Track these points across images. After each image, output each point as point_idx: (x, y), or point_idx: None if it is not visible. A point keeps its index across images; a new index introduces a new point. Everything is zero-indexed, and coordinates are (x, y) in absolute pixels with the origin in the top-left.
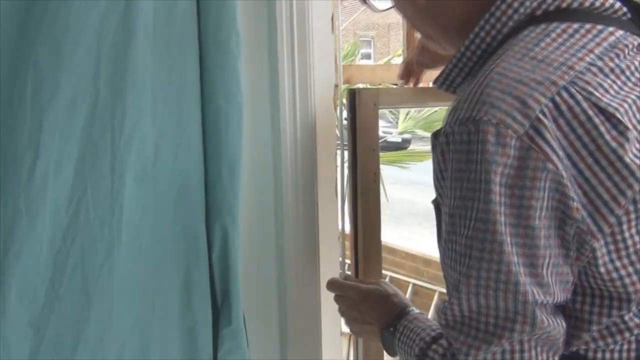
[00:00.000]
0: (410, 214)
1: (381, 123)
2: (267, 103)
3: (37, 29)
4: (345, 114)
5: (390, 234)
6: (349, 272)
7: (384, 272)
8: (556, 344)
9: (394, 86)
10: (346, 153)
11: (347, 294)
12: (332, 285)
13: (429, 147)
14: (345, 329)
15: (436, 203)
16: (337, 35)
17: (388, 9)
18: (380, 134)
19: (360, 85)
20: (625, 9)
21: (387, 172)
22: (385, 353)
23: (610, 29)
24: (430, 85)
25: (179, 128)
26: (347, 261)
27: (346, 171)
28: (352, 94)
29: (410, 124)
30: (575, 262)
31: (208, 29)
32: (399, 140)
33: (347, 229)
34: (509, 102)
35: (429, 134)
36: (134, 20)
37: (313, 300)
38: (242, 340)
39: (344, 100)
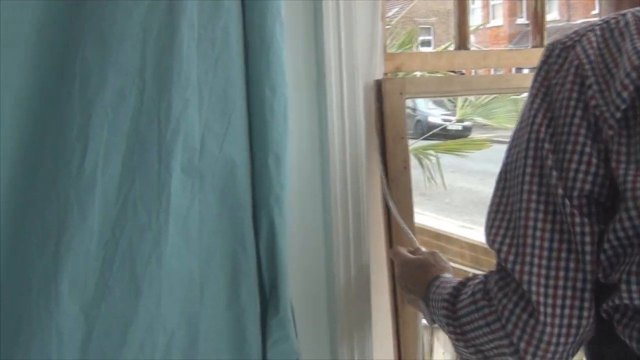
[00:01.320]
0: (471, 203)
1: (440, 111)
2: (313, 93)
3: (84, 24)
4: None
5: (451, 223)
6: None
7: None
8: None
9: (452, 74)
10: None
11: (396, 262)
12: (391, 252)
13: (488, 135)
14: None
15: None
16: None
17: None
18: (439, 121)
19: (418, 74)
20: None
21: (447, 161)
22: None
23: None
24: (472, 73)
25: (224, 118)
26: None
27: None
28: (378, 84)
29: (468, 110)
30: (604, 157)
31: (253, 20)
32: (460, 128)
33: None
34: (572, 30)
35: (488, 122)
36: (179, 13)
37: (363, 288)
38: (290, 330)
39: None
